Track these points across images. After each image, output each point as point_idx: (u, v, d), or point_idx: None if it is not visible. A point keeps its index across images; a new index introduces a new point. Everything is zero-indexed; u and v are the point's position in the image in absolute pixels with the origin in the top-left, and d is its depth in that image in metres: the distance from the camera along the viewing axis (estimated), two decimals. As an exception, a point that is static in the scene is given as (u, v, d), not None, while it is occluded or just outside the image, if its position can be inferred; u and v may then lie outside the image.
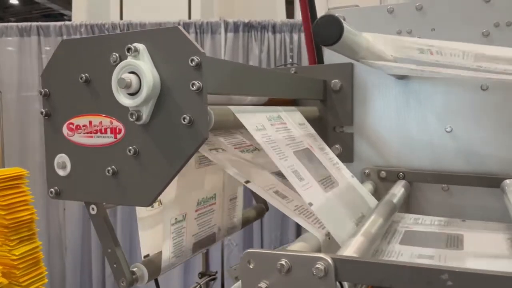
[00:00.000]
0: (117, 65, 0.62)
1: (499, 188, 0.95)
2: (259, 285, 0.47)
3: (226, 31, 3.44)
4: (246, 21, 3.42)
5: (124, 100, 0.60)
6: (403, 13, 1.05)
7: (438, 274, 0.40)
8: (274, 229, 3.52)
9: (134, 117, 0.60)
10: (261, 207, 1.15)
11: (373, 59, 0.71)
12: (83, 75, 0.65)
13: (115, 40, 0.62)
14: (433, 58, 0.73)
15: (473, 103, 1.00)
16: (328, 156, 0.87)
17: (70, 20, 3.85)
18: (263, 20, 3.45)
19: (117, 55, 0.62)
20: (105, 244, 0.70)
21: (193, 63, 0.57)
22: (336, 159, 0.89)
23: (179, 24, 3.54)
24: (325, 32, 0.48)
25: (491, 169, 0.99)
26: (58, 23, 3.36)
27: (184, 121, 0.58)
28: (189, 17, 3.76)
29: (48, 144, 0.71)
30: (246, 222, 1.06)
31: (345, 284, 0.44)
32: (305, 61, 3.47)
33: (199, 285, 1.21)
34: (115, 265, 0.69)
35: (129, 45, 0.60)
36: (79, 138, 0.67)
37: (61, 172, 0.69)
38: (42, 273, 1.34)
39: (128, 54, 0.60)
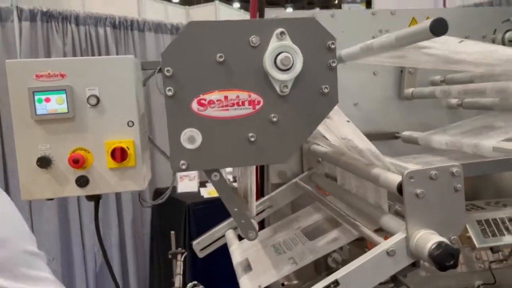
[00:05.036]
0: (257, 46, 0.74)
1: (391, 140, 1.42)
2: (418, 192, 0.73)
3: (20, 19, 3.03)
4: (45, 9, 3.11)
5: (279, 75, 0.73)
6: (320, 19, 1.39)
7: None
8: (94, 235, 3.36)
9: (286, 90, 0.74)
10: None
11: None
12: (220, 55, 0.73)
13: (256, 25, 0.74)
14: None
15: (369, 84, 1.44)
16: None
17: None
18: (64, 10, 3.21)
19: (258, 38, 0.74)
20: (230, 204, 0.79)
21: (332, 46, 0.76)
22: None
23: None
24: (441, 27, 0.76)
25: (383, 128, 1.46)
26: None
27: (325, 90, 0.76)
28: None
29: (173, 121, 0.74)
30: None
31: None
32: (112, 54, 3.41)
33: (181, 262, 1.26)
34: (243, 221, 0.80)
35: (281, 29, 0.73)
36: (212, 112, 0.74)
37: (189, 146, 0.74)
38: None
39: (280, 37, 0.73)
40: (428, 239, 0.71)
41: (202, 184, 3.51)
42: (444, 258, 0.68)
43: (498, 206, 1.08)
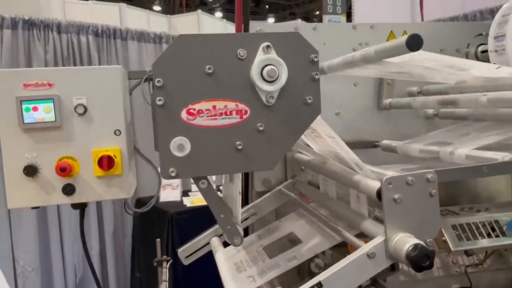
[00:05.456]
0: (244, 59, 0.78)
1: (370, 149, 1.47)
2: (396, 197, 0.78)
3: (2, 27, 3.01)
4: (27, 18, 3.09)
5: (266, 86, 0.77)
6: (303, 31, 1.44)
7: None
8: (77, 243, 3.33)
9: (272, 100, 0.78)
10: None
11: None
12: (209, 67, 0.76)
13: (243, 39, 0.77)
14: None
15: (350, 94, 1.50)
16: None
17: None
18: (46, 18, 3.20)
19: (245, 51, 0.77)
20: (217, 211, 0.82)
21: (315, 59, 0.80)
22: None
23: None
24: (417, 42, 0.81)
25: (363, 137, 1.51)
26: None
27: (309, 101, 0.80)
28: None
29: (162, 130, 0.76)
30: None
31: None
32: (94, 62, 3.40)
33: (167, 270, 1.27)
34: (228, 227, 0.82)
35: (267, 43, 0.77)
36: (201, 121, 0.77)
37: (178, 154, 0.77)
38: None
39: (266, 51, 0.77)
40: (405, 241, 0.75)
41: (185, 193, 3.51)
42: (420, 259, 0.72)
43: (472, 211, 1.14)
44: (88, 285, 3.45)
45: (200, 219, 1.45)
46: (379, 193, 0.80)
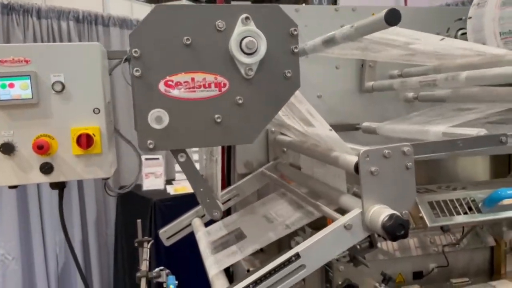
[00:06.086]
0: (223, 30, 0.77)
1: (352, 131, 1.49)
2: (372, 169, 0.79)
3: (-21, 11, 2.93)
4: (6, 2, 3.02)
5: (244, 59, 0.76)
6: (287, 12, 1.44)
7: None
8: (58, 232, 3.29)
9: (251, 73, 0.78)
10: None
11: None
12: (187, 38, 0.76)
13: (221, 10, 0.77)
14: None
15: (332, 77, 1.50)
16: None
17: None
18: (25, 3, 3.12)
19: (224, 22, 0.77)
20: (196, 185, 0.82)
21: (295, 32, 0.80)
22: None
23: None
24: (395, 17, 0.81)
25: (345, 120, 1.52)
26: None
27: (288, 74, 0.81)
28: None
29: (140, 102, 0.76)
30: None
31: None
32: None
33: (148, 249, 1.26)
34: (208, 200, 0.82)
35: (246, 15, 0.77)
36: (179, 93, 0.77)
37: (156, 126, 0.76)
38: None
39: (245, 22, 0.77)
40: (381, 212, 0.76)
41: (169, 182, 3.49)
42: (395, 228, 0.73)
43: (448, 189, 1.16)
44: (70, 274, 3.42)
45: (184, 206, 1.45)
46: (356, 167, 0.81)
